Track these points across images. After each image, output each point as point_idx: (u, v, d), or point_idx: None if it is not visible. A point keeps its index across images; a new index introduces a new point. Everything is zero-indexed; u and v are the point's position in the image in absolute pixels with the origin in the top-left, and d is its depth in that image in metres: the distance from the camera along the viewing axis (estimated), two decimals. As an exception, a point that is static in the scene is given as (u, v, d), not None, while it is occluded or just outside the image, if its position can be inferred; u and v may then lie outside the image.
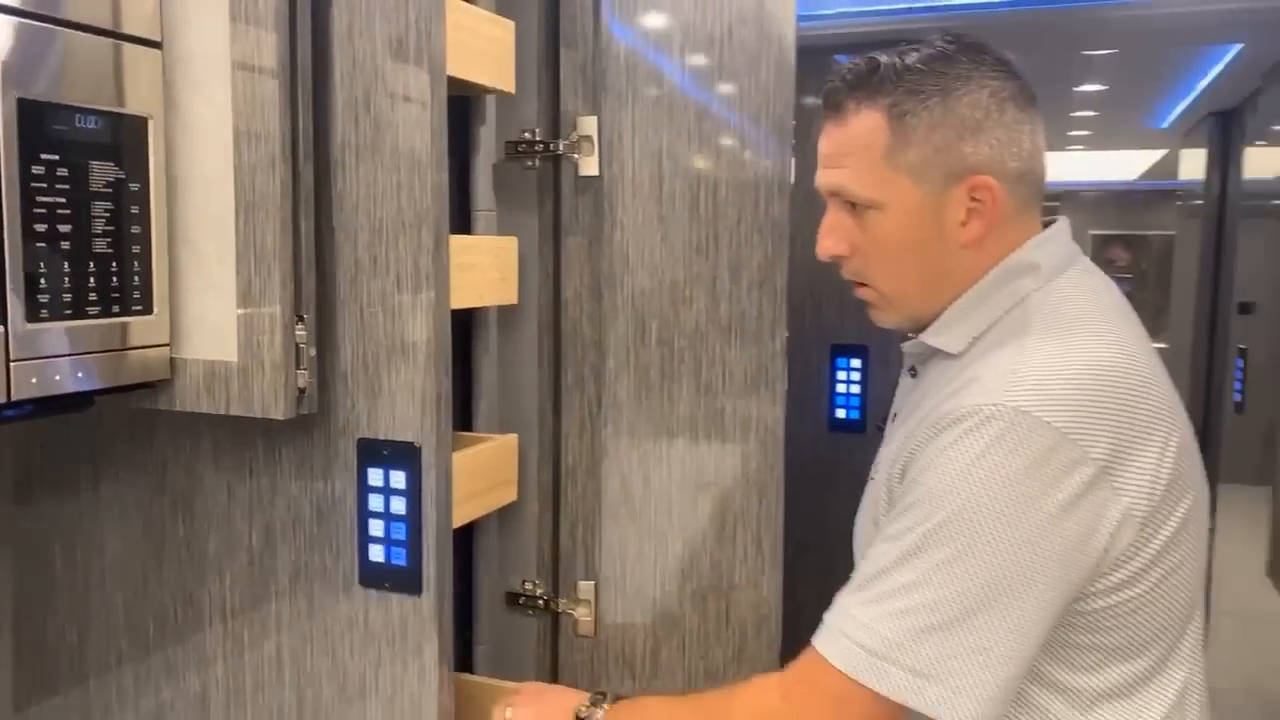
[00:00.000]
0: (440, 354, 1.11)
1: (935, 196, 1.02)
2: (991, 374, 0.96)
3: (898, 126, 1.01)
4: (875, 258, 1.06)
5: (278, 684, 1.22)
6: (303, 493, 1.17)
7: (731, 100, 1.23)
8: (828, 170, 1.06)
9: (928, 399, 1.05)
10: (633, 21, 1.28)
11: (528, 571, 1.40)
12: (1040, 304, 1.02)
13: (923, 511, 0.93)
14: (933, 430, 0.96)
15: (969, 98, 1.00)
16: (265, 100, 1.05)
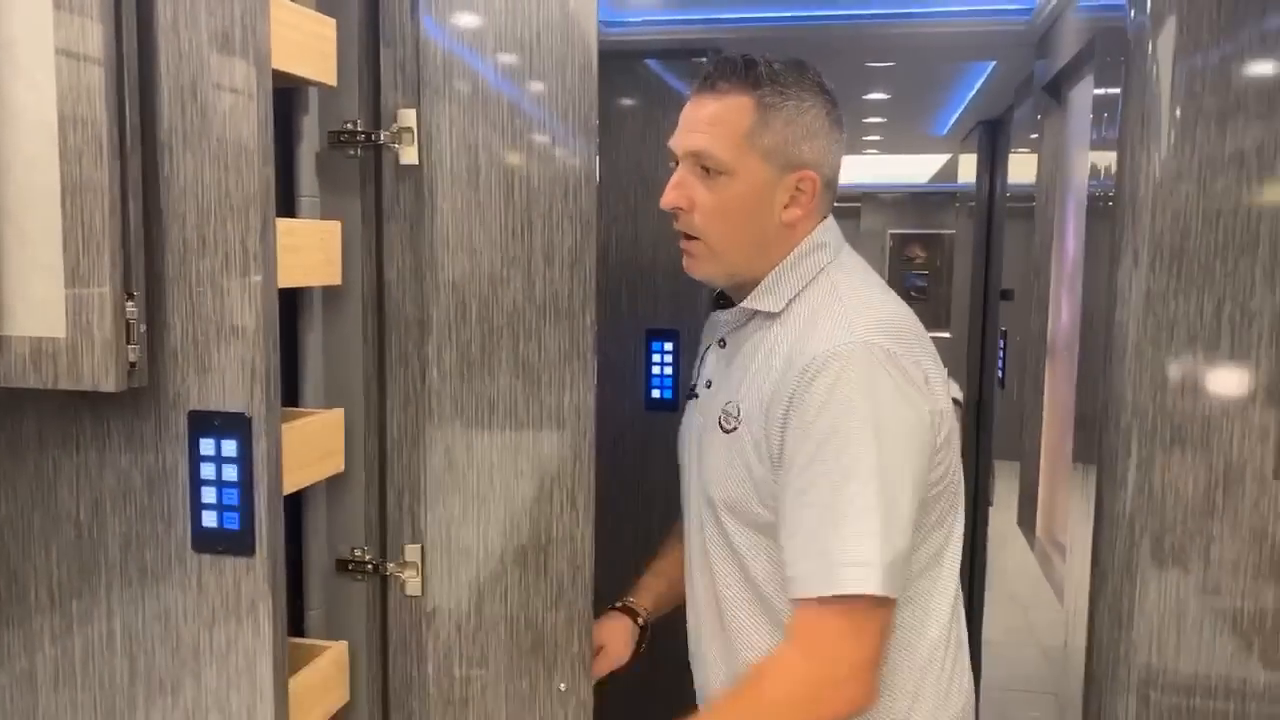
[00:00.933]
0: (269, 330, 1.18)
1: (773, 178, 1.24)
2: (830, 322, 1.20)
3: (762, 114, 1.23)
4: (713, 216, 1.26)
5: (108, 653, 1.25)
6: (133, 465, 1.22)
7: (541, 99, 1.36)
8: (692, 134, 1.26)
9: (761, 347, 1.27)
10: (448, 23, 1.38)
11: (356, 538, 1.48)
12: (836, 272, 1.28)
13: (836, 445, 1.14)
14: (807, 375, 1.17)
15: (815, 110, 1.26)
16: (90, 87, 1.10)
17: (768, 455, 1.22)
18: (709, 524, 1.33)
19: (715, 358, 1.38)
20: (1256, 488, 1.41)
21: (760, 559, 1.27)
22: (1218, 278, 1.39)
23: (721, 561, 1.32)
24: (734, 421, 1.27)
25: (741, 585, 1.30)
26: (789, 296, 1.27)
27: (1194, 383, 1.41)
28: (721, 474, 1.29)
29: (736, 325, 1.33)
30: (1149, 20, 1.41)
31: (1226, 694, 1.47)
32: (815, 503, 1.15)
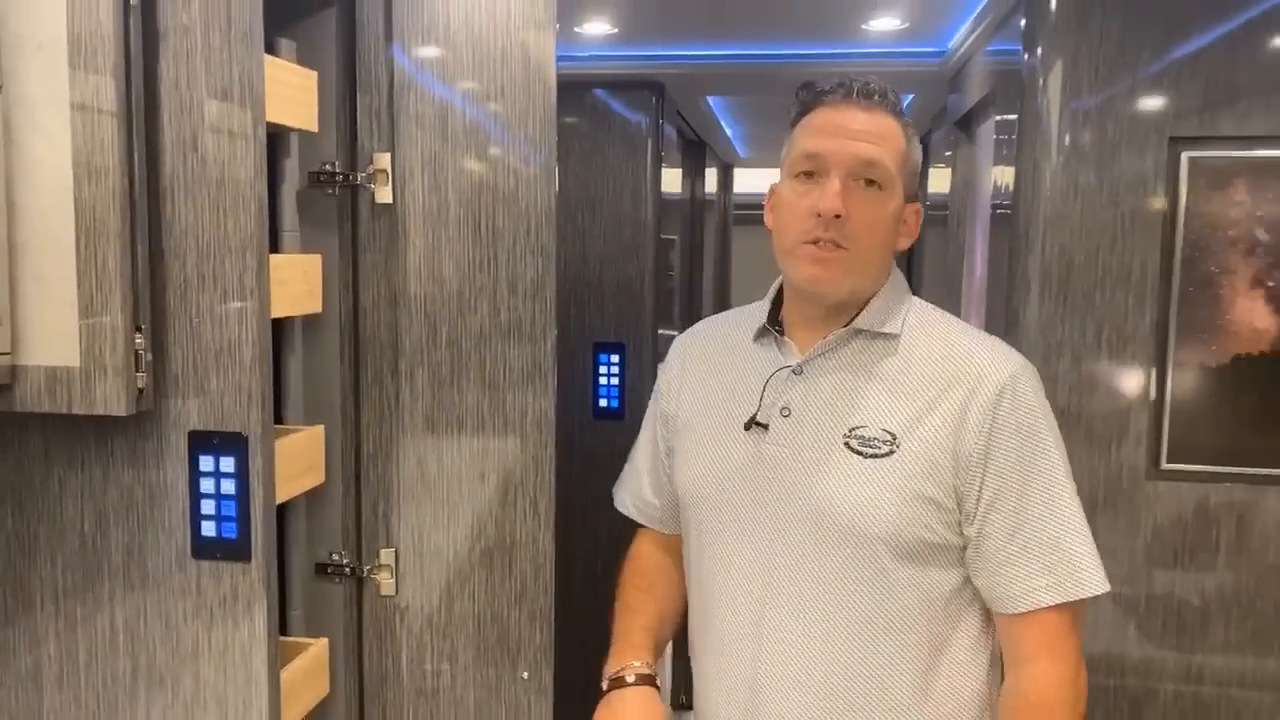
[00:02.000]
0: (264, 356, 1.31)
1: (902, 204, 1.24)
2: (980, 344, 1.23)
3: (909, 139, 1.24)
4: (869, 228, 1.20)
5: (111, 653, 1.37)
6: (135, 481, 1.34)
7: (508, 146, 1.51)
8: (861, 144, 1.20)
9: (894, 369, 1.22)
10: (422, 76, 1.52)
11: (334, 544, 1.61)
12: (919, 300, 1.30)
13: (1044, 460, 1.17)
14: (1004, 397, 1.16)
15: (919, 149, 1.28)
16: (104, 140, 1.22)
17: (951, 478, 1.18)
18: (841, 565, 1.21)
19: (788, 385, 1.26)
20: (1131, 486, 1.63)
21: (911, 591, 1.20)
22: (1097, 305, 1.60)
23: (864, 607, 1.20)
24: (885, 446, 1.19)
25: (886, 630, 1.20)
26: (901, 319, 1.25)
27: (1079, 396, 1.62)
28: (877, 504, 1.19)
29: (828, 350, 1.25)
30: (1040, 67, 1.62)
31: (1122, 670, 1.68)
32: (1037, 517, 1.17)
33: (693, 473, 1.32)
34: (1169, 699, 1.67)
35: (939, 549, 1.19)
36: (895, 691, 1.20)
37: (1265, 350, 1.59)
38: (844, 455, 1.20)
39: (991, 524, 1.17)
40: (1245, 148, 1.56)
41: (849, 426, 1.21)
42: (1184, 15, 1.56)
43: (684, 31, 2.28)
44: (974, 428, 1.17)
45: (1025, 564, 1.17)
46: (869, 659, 1.20)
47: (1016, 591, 1.17)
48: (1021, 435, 1.17)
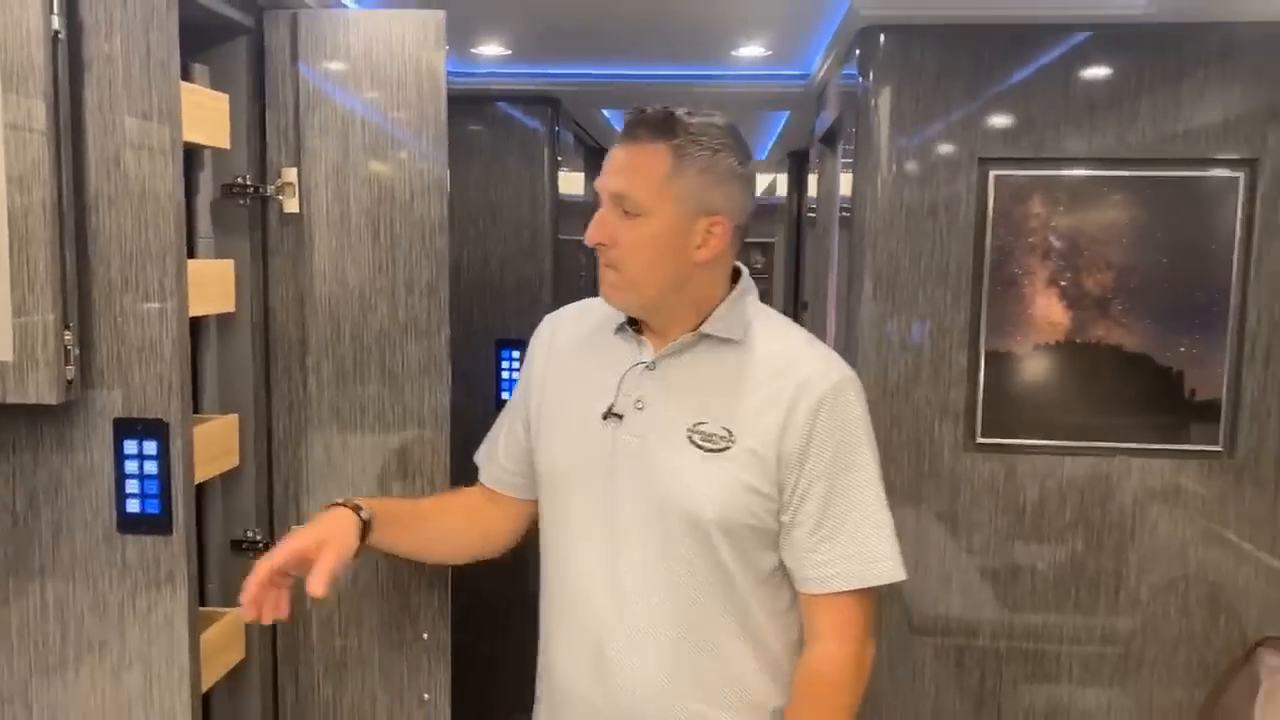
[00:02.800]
0: (183, 351, 1.47)
1: (687, 221, 1.33)
2: (814, 354, 1.37)
3: (678, 161, 1.31)
4: (631, 251, 1.33)
5: (42, 621, 1.51)
6: (64, 463, 1.48)
7: (405, 161, 1.69)
8: (615, 177, 1.34)
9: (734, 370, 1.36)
10: (326, 98, 1.70)
11: (249, 522, 1.77)
12: (770, 310, 1.44)
13: (857, 459, 1.33)
14: (826, 402, 1.31)
15: (727, 160, 1.34)
16: (35, 157, 1.36)
17: (775, 472, 1.33)
18: (680, 543, 1.35)
19: (643, 379, 1.40)
20: (952, 458, 1.89)
21: (748, 574, 1.36)
22: (921, 302, 1.86)
23: (702, 581, 1.36)
24: (722, 442, 1.33)
25: (725, 602, 1.36)
26: (745, 325, 1.38)
27: (907, 380, 1.88)
28: (711, 493, 1.33)
29: (676, 351, 1.38)
30: (872, 94, 1.87)
31: (949, 625, 1.94)
32: (842, 510, 1.32)
33: (553, 453, 1.46)
34: (988, 653, 1.93)
35: (763, 532, 1.35)
36: (726, 643, 1.38)
37: (1060, 340, 1.87)
38: (687, 448, 1.34)
39: (802, 514, 1.33)
40: (1041, 168, 1.84)
41: (693, 422, 1.35)
42: (989, 56, 1.83)
43: (571, 53, 2.49)
44: (797, 429, 1.32)
45: (827, 551, 1.33)
46: (704, 617, 1.37)
47: (816, 575, 1.34)
48: (837, 439, 1.32)
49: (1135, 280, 1.85)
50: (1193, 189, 1.84)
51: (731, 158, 1.35)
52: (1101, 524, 1.88)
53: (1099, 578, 1.90)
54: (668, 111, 1.34)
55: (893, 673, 1.93)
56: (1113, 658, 1.91)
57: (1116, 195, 1.85)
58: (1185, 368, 1.85)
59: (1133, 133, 1.82)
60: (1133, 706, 1.92)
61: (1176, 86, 1.80)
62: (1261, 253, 1.83)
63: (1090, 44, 1.82)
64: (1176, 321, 1.85)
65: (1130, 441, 1.88)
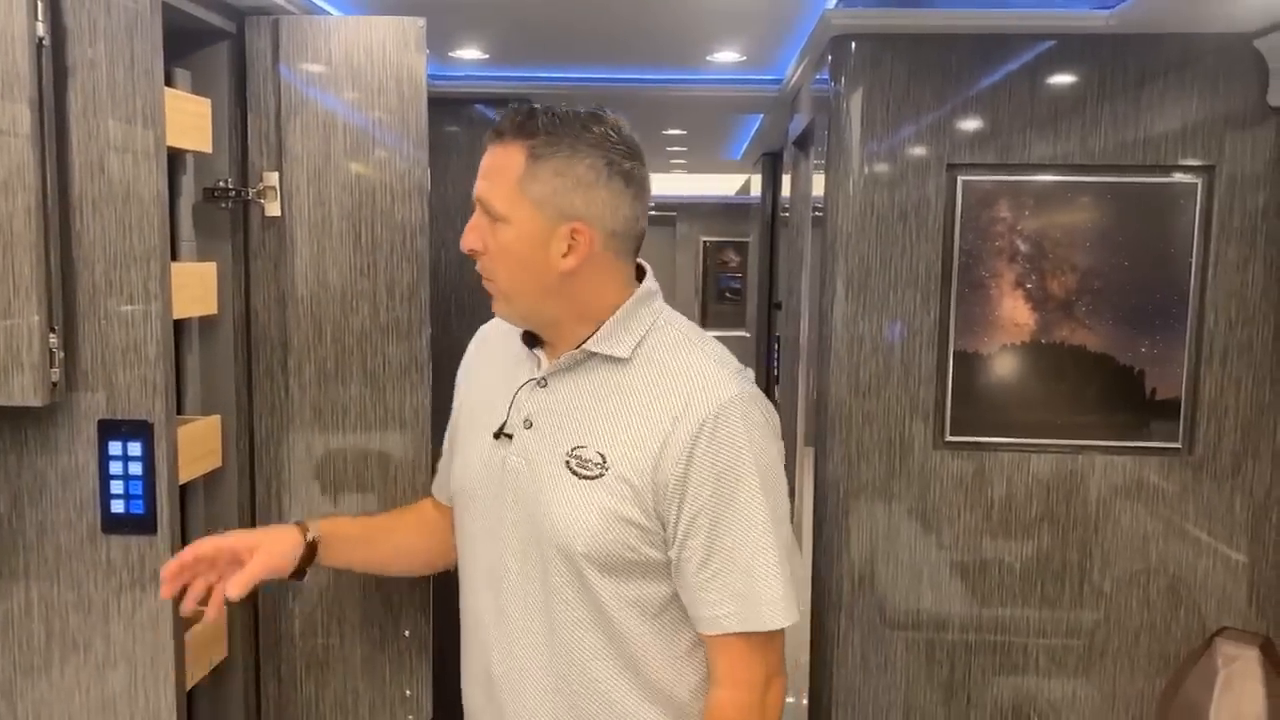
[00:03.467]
0: (167, 353, 1.49)
1: (547, 227, 1.24)
2: (702, 374, 1.24)
3: (532, 164, 1.23)
4: (498, 259, 1.27)
5: (27, 620, 1.52)
6: (49, 465, 1.50)
7: (385, 166, 1.72)
8: (480, 182, 1.28)
9: (617, 392, 1.27)
10: (307, 104, 1.72)
11: (231, 523, 1.79)
12: (672, 319, 1.32)
13: (740, 495, 1.21)
14: (705, 429, 1.20)
15: (589, 161, 1.23)
16: (20, 162, 1.38)
17: (652, 503, 1.23)
18: (557, 575, 1.28)
19: (534, 396, 1.33)
20: (922, 455, 1.94)
21: (626, 610, 1.27)
22: (891, 304, 1.91)
23: (581, 616, 1.28)
24: (596, 468, 1.25)
25: (608, 642, 1.28)
26: (634, 342, 1.27)
27: (878, 380, 1.93)
28: (582, 523, 1.25)
29: (565, 367, 1.31)
30: (843, 100, 1.91)
31: (919, 619, 1.99)
32: (729, 548, 1.21)
33: (458, 472, 1.43)
34: (958, 645, 1.99)
35: (645, 565, 1.26)
36: (611, 690, 1.28)
37: (1025, 341, 1.92)
38: (564, 473, 1.26)
39: (688, 549, 1.23)
40: (1007, 173, 1.89)
41: (571, 446, 1.27)
42: (958, 63, 1.88)
43: (549, 57, 2.52)
44: (673, 457, 1.21)
45: (716, 590, 1.23)
46: (585, 659, 1.28)
47: (705, 615, 1.24)
48: (720, 467, 1.21)
49: (1098, 283, 1.91)
50: (1153, 194, 1.90)
51: (598, 159, 1.24)
52: (1066, 519, 1.94)
53: (1064, 571, 1.95)
54: (530, 108, 1.25)
55: (865, 665, 1.98)
56: (1077, 649, 1.96)
57: (1080, 200, 1.90)
58: (1146, 367, 1.92)
59: (1095, 139, 1.87)
60: (1096, 696, 1.98)
61: (1137, 95, 1.86)
62: (1219, 257, 1.89)
63: (1055, 53, 1.87)
64: (1137, 323, 1.91)
65: (1093, 439, 1.93)
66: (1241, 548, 1.92)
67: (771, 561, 1.23)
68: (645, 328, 1.29)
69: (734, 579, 1.22)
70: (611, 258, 1.29)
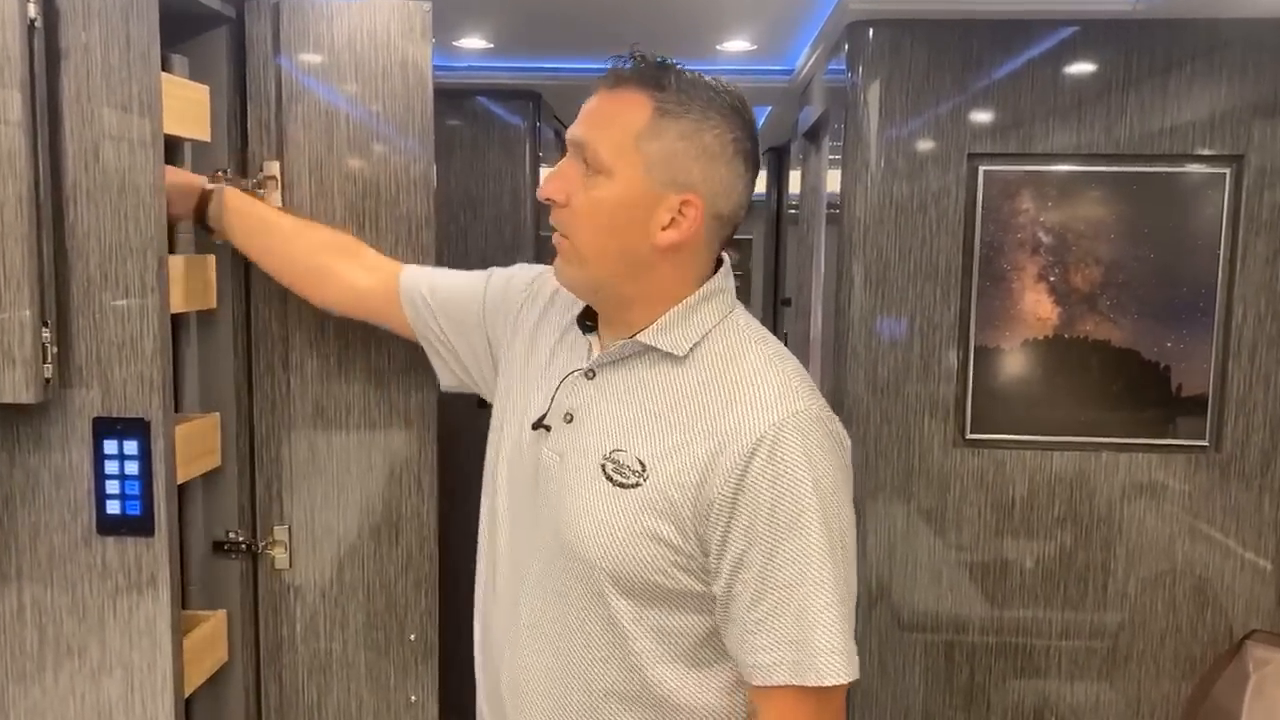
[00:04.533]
0: (164, 348, 1.43)
1: (654, 192, 1.11)
2: (766, 385, 1.09)
3: (658, 119, 1.09)
4: (584, 216, 1.13)
5: (19, 625, 1.47)
6: (41, 464, 1.44)
7: (390, 155, 1.66)
8: (582, 126, 1.14)
9: (667, 394, 1.13)
10: (309, 90, 1.66)
11: (231, 523, 1.73)
12: (741, 321, 1.17)
13: (797, 530, 1.04)
14: (760, 451, 1.05)
15: (717, 131, 1.11)
16: (11, 149, 1.32)
17: (692, 524, 1.09)
18: (577, 595, 1.15)
19: (579, 388, 1.20)
20: (942, 453, 1.89)
21: (645, 638, 1.13)
22: (910, 297, 1.85)
23: (595, 641, 1.15)
24: (634, 476, 1.11)
25: (626, 677, 1.14)
26: (694, 339, 1.13)
27: (897, 377, 1.87)
28: (611, 537, 1.11)
29: (614, 359, 1.18)
30: (861, 89, 1.86)
31: (938, 621, 1.94)
32: (784, 585, 1.06)
33: (495, 449, 1.31)
34: (978, 648, 1.94)
35: (678, 594, 1.12)
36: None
37: (1048, 335, 1.87)
38: (597, 478, 1.13)
39: (739, 585, 1.08)
40: (1030, 163, 1.84)
41: (610, 448, 1.14)
42: (979, 50, 1.83)
43: (554, 46, 2.47)
44: (723, 475, 1.07)
45: (766, 635, 1.07)
46: (596, 693, 1.15)
47: (752, 662, 1.09)
48: (777, 493, 1.05)
49: (1122, 276, 1.86)
50: (1179, 185, 1.84)
51: (725, 132, 1.12)
52: (1089, 519, 1.89)
53: (1087, 572, 1.90)
54: (664, 59, 1.13)
55: (882, 669, 1.92)
56: (1100, 652, 1.91)
57: (1104, 191, 1.85)
58: (1172, 363, 1.86)
59: (1120, 128, 1.82)
60: (1120, 700, 1.93)
61: (1163, 82, 1.81)
62: (1246, 249, 1.84)
63: (1078, 39, 1.82)
64: (1163, 317, 1.86)
65: (1117, 436, 1.88)
66: (1270, 548, 1.87)
67: (832, 605, 1.06)
68: (709, 326, 1.15)
69: (787, 623, 1.06)
70: (706, 243, 1.16)
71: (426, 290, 1.52)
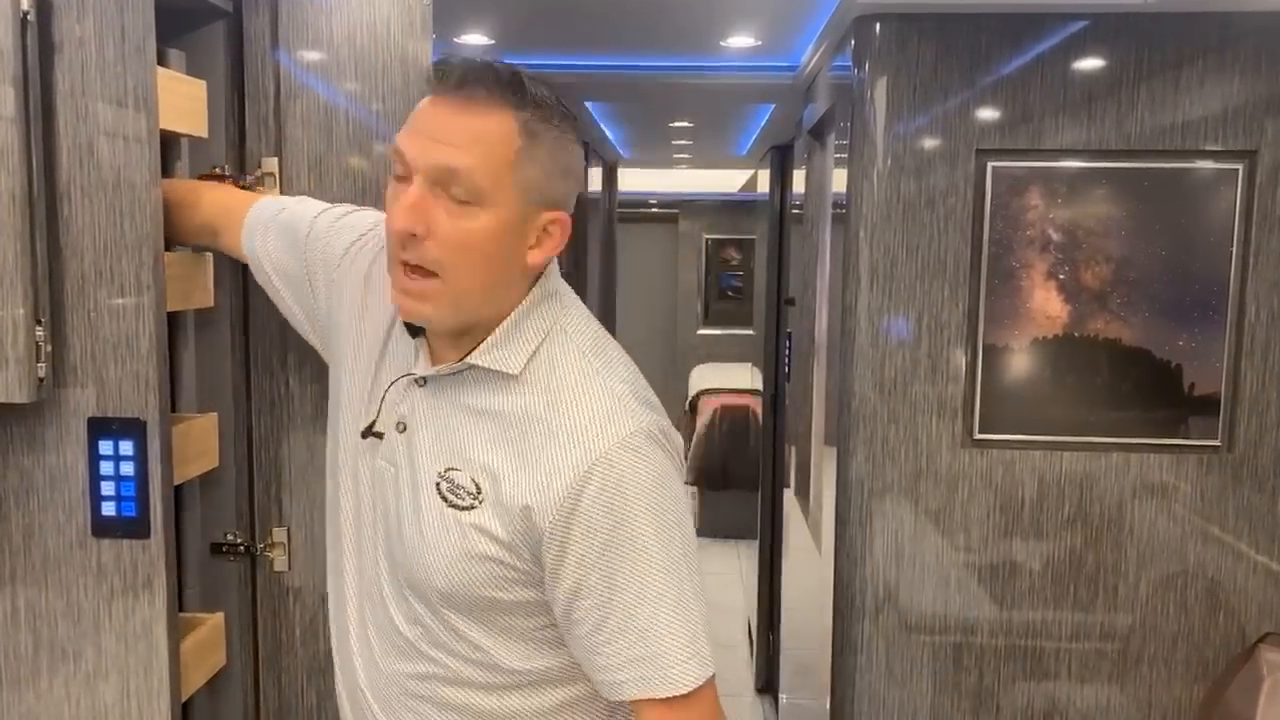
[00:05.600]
0: (160, 347, 1.41)
1: (525, 215, 1.06)
2: (597, 402, 1.07)
3: (528, 142, 1.03)
4: (455, 250, 1.04)
5: (12, 629, 1.44)
6: (35, 465, 1.42)
7: (386, 153, 1.64)
8: (447, 147, 1.02)
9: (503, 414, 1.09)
10: (308, 85, 1.64)
11: (228, 525, 1.71)
12: (572, 327, 1.13)
13: (629, 538, 1.04)
14: (595, 475, 1.03)
15: (574, 146, 1.10)
16: (4, 144, 1.30)
17: (526, 545, 1.08)
18: (415, 611, 1.15)
19: (410, 395, 1.16)
20: (950, 454, 1.86)
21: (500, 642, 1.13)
22: (918, 295, 1.82)
23: (442, 652, 1.15)
24: (469, 498, 1.09)
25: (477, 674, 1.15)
26: (526, 354, 1.10)
27: (902, 375, 1.85)
28: (445, 558, 1.09)
29: (447, 373, 1.13)
30: (867, 85, 1.83)
31: (946, 624, 1.91)
32: (626, 607, 1.05)
33: (332, 436, 1.30)
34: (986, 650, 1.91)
35: (517, 605, 1.11)
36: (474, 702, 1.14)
37: (1058, 334, 1.84)
38: (431, 496, 1.11)
39: (579, 611, 1.07)
40: (1039, 159, 1.81)
41: (445, 465, 1.11)
42: (988, 44, 1.80)
43: (555, 43, 2.44)
44: (555, 502, 1.05)
45: (613, 654, 1.07)
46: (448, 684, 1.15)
47: (605, 680, 1.09)
48: (614, 517, 1.04)
49: (1133, 273, 1.83)
50: (1191, 181, 1.82)
51: (576, 144, 1.11)
52: (1100, 520, 1.86)
53: (1097, 574, 1.87)
54: (511, 68, 1.04)
55: (889, 672, 1.90)
56: (1111, 655, 1.89)
57: (1114, 187, 1.82)
58: (1184, 362, 1.84)
59: (1130, 123, 1.80)
60: (1131, 704, 1.90)
61: (1175, 77, 1.78)
62: (1260, 246, 1.81)
63: (1088, 33, 1.79)
64: (1175, 315, 1.83)
65: (1128, 436, 1.86)
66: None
67: (674, 616, 1.06)
68: (540, 337, 1.11)
69: (631, 641, 1.06)
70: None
71: (266, 219, 1.47)
